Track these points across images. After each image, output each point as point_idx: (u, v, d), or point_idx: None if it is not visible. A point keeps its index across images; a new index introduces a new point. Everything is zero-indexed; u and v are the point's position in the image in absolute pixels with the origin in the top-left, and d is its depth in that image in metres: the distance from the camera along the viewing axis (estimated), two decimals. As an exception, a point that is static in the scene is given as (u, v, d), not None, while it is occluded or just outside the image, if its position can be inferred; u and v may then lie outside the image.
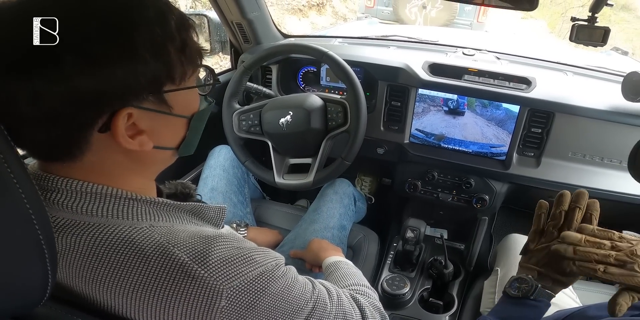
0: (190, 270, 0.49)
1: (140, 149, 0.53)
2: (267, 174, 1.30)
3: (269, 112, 1.24)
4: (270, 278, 0.54)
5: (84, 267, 0.51)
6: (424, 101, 1.36)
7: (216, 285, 0.50)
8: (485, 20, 6.26)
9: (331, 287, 0.69)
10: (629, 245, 0.70)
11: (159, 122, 0.54)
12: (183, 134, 0.59)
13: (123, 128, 0.49)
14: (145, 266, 0.49)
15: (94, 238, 0.51)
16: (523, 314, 0.79)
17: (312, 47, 1.24)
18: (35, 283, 0.45)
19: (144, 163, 0.57)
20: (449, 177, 1.44)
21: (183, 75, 0.54)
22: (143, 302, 0.50)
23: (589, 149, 1.27)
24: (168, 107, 0.54)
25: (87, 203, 0.52)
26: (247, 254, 0.53)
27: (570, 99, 1.23)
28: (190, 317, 0.50)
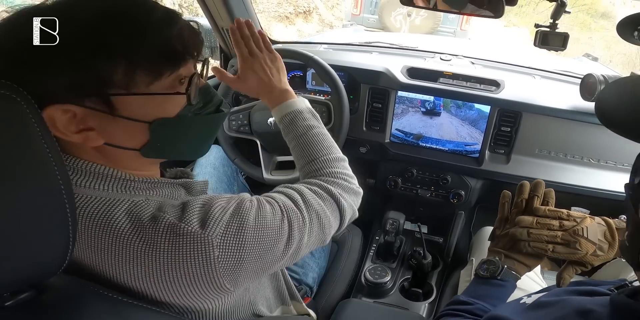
0: (178, 229, 0.55)
1: (85, 143, 0.56)
2: (256, 171, 1.39)
3: (257, 112, 1.33)
4: (241, 214, 0.59)
5: (89, 237, 0.56)
6: (403, 103, 1.45)
7: (204, 236, 0.55)
8: (469, 28, 6.45)
9: (291, 192, 0.71)
10: (573, 224, 0.81)
11: (108, 122, 0.56)
12: (144, 137, 0.60)
13: (60, 121, 0.53)
14: (143, 232, 0.55)
15: (96, 209, 0.56)
16: (491, 292, 0.87)
17: (300, 52, 1.32)
18: (57, 251, 0.49)
19: (114, 157, 0.60)
20: (427, 174, 1.53)
21: (132, 82, 0.54)
22: (147, 267, 0.55)
23: (553, 146, 1.37)
24: (113, 109, 0.55)
25: (90, 180, 0.58)
26: (214, 204, 0.59)
27: (536, 99, 1.34)
28: (193, 274, 0.56)
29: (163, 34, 0.55)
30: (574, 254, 0.80)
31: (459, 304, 0.87)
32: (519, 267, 0.88)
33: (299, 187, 0.73)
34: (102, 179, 0.59)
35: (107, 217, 0.56)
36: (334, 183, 0.78)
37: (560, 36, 1.21)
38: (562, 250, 0.81)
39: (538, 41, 1.24)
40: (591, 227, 0.80)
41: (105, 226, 0.55)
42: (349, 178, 0.82)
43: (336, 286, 1.31)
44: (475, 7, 1.17)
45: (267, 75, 0.90)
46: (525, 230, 0.84)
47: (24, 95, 0.45)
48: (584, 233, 0.79)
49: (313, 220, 0.69)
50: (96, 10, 0.53)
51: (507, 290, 0.88)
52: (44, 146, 0.46)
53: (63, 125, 0.54)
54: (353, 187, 0.81)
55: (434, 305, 1.37)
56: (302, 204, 0.69)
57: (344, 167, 0.84)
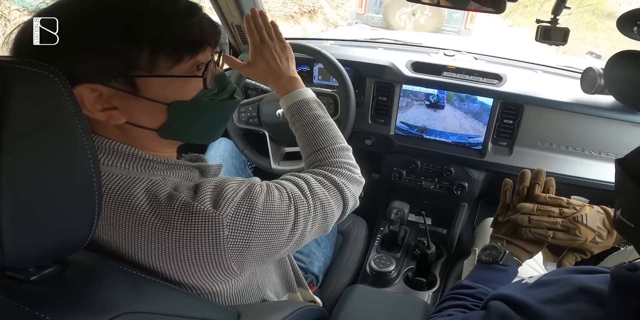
0: (191, 207, 0.58)
1: (108, 121, 0.60)
2: (264, 161, 1.42)
3: (267, 104, 1.37)
4: (251, 197, 0.62)
5: (109, 214, 0.58)
6: (407, 96, 1.49)
7: (214, 216, 0.58)
8: (473, 27, 6.44)
9: (298, 180, 0.73)
10: (573, 211, 0.84)
11: (131, 102, 0.60)
12: (163, 118, 0.64)
13: (89, 100, 0.58)
14: (159, 210, 0.58)
15: (117, 186, 0.59)
16: (493, 277, 0.89)
17: (308, 46, 1.36)
18: (82, 225, 0.51)
19: (134, 137, 0.64)
20: (431, 166, 1.56)
21: (155, 65, 0.59)
22: (161, 244, 0.58)
23: (555, 138, 1.40)
24: (136, 90, 0.59)
25: (113, 158, 0.62)
26: (226, 185, 0.62)
27: (537, 92, 1.37)
28: (203, 253, 0.59)
29: (185, 23, 0.60)
30: (573, 240, 0.82)
31: (462, 288, 0.89)
32: (521, 253, 0.90)
33: (306, 176, 0.75)
34: (124, 157, 0.62)
35: (126, 195, 0.59)
36: (339, 173, 0.81)
37: (561, 31, 1.24)
38: (562, 237, 0.83)
39: (539, 36, 1.27)
40: (590, 214, 0.82)
41: (124, 203, 0.58)
42: (353, 168, 0.85)
43: (341, 275, 1.34)
44: (478, 3, 1.20)
45: (277, 62, 0.94)
46: (527, 216, 0.87)
47: (59, 75, 0.48)
48: (584, 220, 0.81)
49: (317, 209, 0.71)
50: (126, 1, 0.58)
51: (509, 275, 0.90)
52: (76, 122, 0.49)
53: (90, 103, 0.58)
54: (356, 177, 0.83)
55: (437, 294, 1.40)
56: (308, 192, 0.71)
57: (348, 156, 0.87)
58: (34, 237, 0.47)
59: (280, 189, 0.68)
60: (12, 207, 0.44)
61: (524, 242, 0.90)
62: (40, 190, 0.46)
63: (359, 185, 0.84)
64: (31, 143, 0.45)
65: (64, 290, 0.51)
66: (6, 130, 0.43)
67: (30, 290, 0.49)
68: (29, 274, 0.50)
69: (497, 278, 0.89)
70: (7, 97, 0.43)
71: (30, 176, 0.45)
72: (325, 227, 0.75)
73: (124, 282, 0.56)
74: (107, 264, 0.56)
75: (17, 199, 0.44)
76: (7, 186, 0.43)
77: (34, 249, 0.48)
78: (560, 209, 0.85)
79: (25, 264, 0.50)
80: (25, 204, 0.45)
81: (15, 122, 0.43)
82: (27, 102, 0.45)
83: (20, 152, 0.44)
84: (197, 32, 0.61)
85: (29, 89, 0.45)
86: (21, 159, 0.44)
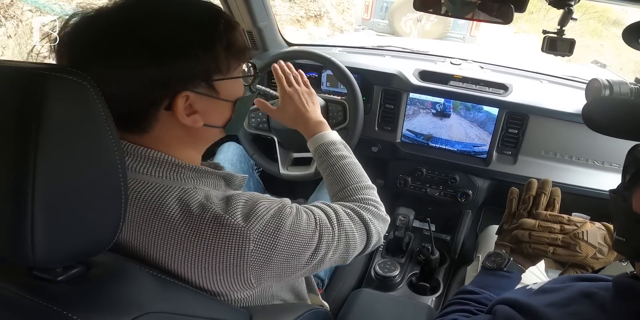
0: (223, 220, 0.61)
1: (193, 126, 0.65)
2: (273, 166, 1.45)
3: (276, 110, 1.39)
4: (281, 217, 0.65)
5: (141, 220, 0.61)
6: (414, 104, 1.51)
7: (244, 230, 0.61)
8: (478, 34, 6.47)
9: (328, 209, 0.76)
10: (574, 228, 0.85)
11: (209, 104, 0.66)
12: (229, 115, 0.71)
13: (182, 107, 0.63)
14: (190, 219, 0.61)
15: (150, 194, 0.62)
16: (497, 283, 0.91)
17: (317, 53, 1.39)
18: (108, 226, 0.53)
19: (197, 138, 0.70)
20: (436, 173, 1.59)
21: (229, 68, 0.66)
22: (188, 252, 0.60)
23: (559, 148, 1.42)
24: (216, 93, 0.66)
25: (147, 166, 0.64)
26: (258, 202, 0.65)
27: (543, 102, 1.40)
28: (227, 263, 0.61)
29: (240, 32, 0.67)
30: (574, 256, 0.84)
31: (466, 293, 0.91)
32: (525, 261, 0.92)
33: (335, 206, 0.78)
34: (157, 164, 0.65)
35: (159, 203, 0.61)
36: (365, 208, 0.83)
37: (567, 42, 1.26)
38: (562, 253, 0.84)
39: (545, 47, 1.29)
40: (591, 231, 0.84)
41: (157, 211, 0.61)
42: (379, 205, 0.87)
43: (347, 279, 1.37)
44: (485, 13, 1.22)
45: (305, 106, 1.02)
46: (527, 232, 0.88)
47: (92, 83, 0.50)
48: (584, 236, 0.83)
49: (341, 238, 0.73)
50: (200, 13, 0.64)
51: (512, 282, 0.91)
52: (106, 127, 0.51)
53: (180, 110, 0.63)
54: (382, 214, 0.86)
55: (440, 299, 1.42)
56: (335, 221, 0.74)
57: (374, 194, 0.90)
58: (64, 238, 0.49)
59: (309, 214, 0.71)
60: (45, 208, 0.46)
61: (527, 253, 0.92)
62: (71, 193, 0.48)
63: (385, 223, 0.87)
64: (65, 147, 0.47)
65: (90, 290, 0.53)
66: (42, 134, 0.45)
67: (58, 290, 0.51)
68: (56, 274, 0.51)
69: (501, 284, 0.91)
70: (44, 102, 0.45)
71: (62, 179, 0.47)
72: (345, 257, 0.76)
73: (145, 282, 0.57)
74: (129, 265, 0.58)
75: (50, 200, 0.46)
76: (41, 188, 0.45)
77: (63, 250, 0.49)
78: (562, 225, 0.86)
79: (54, 264, 0.51)
80: (57, 205, 0.47)
81: (51, 126, 0.45)
82: (62, 107, 0.47)
83: (54, 156, 0.46)
84: (245, 39, 0.67)
85: (64, 95, 0.47)
86: (55, 162, 0.46)
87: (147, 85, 0.59)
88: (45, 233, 0.46)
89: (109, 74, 0.58)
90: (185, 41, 0.60)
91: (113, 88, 0.57)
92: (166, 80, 0.60)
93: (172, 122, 0.65)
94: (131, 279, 0.57)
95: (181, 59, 0.60)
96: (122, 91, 0.59)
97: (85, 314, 0.48)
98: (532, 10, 8.69)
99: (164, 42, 0.59)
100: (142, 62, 0.58)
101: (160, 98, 0.62)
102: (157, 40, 0.59)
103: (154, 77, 0.59)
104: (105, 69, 0.58)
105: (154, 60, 0.59)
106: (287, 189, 2.05)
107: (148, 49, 0.58)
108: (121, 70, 0.58)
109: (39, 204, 0.45)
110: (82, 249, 0.52)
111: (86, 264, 0.55)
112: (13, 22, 3.26)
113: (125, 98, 0.60)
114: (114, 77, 0.58)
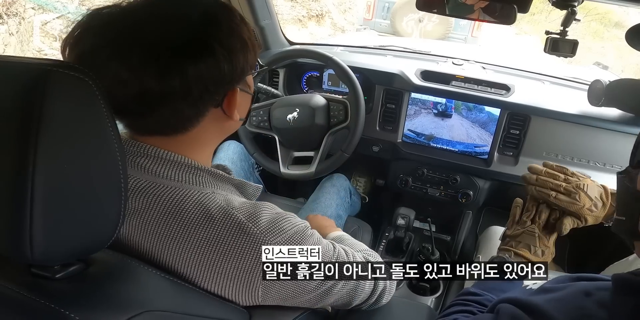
0: (246, 228, 0.60)
1: (236, 120, 0.68)
2: (274, 165, 1.45)
3: (278, 109, 1.39)
4: (303, 236, 0.65)
5: (159, 224, 0.61)
6: (415, 104, 1.51)
7: (265, 240, 0.61)
8: (479, 34, 6.45)
9: (347, 249, 0.76)
10: (577, 180, 0.90)
11: (242, 98, 0.69)
12: (248, 107, 0.74)
13: (235, 102, 0.65)
14: (211, 224, 0.60)
15: (170, 198, 0.61)
16: (499, 286, 0.91)
17: (319, 52, 1.39)
18: (108, 224, 0.52)
19: (225, 134, 0.72)
20: (437, 174, 1.58)
21: (253, 66, 0.68)
22: (204, 256, 0.60)
23: (560, 149, 1.42)
24: (248, 87, 0.70)
25: (167, 169, 0.64)
26: (285, 217, 0.65)
27: (544, 104, 1.39)
28: (241, 269, 0.61)
29: None
30: (572, 204, 0.88)
31: (468, 295, 0.91)
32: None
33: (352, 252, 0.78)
34: (177, 167, 0.64)
35: (179, 207, 0.61)
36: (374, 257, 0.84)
37: (569, 43, 1.25)
38: (563, 199, 0.89)
39: (548, 48, 1.28)
40: (591, 185, 0.89)
41: (177, 214, 0.61)
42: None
43: (346, 279, 1.36)
44: (488, 13, 1.22)
45: None
46: (535, 175, 0.93)
47: (94, 79, 0.49)
48: (585, 188, 0.88)
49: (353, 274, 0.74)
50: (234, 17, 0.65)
51: (514, 285, 0.92)
52: (108, 124, 0.50)
53: (234, 105, 0.66)
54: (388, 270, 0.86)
55: (440, 299, 1.42)
56: (352, 258, 0.73)
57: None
58: (63, 235, 0.48)
59: (329, 242, 0.71)
60: (44, 206, 0.45)
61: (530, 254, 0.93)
62: (71, 190, 0.48)
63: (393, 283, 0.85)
64: (65, 143, 0.47)
65: (88, 288, 0.52)
66: (43, 130, 0.44)
67: (56, 288, 0.51)
68: (54, 271, 0.51)
69: (503, 287, 0.91)
70: (46, 97, 0.45)
71: (62, 176, 0.47)
72: (352, 296, 0.74)
73: (145, 281, 0.57)
74: (129, 263, 0.58)
75: (49, 198, 0.46)
76: (40, 185, 0.44)
77: (62, 247, 0.49)
78: (566, 176, 0.92)
79: (52, 261, 0.51)
80: (56, 203, 0.46)
81: (52, 123, 0.45)
82: (63, 103, 0.46)
83: (54, 152, 0.45)
84: None
85: (66, 91, 0.47)
86: (55, 159, 0.46)
87: (217, 81, 0.61)
88: (44, 231, 0.46)
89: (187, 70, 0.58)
90: (246, 37, 0.64)
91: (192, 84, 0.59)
92: (231, 76, 0.62)
93: (215, 118, 0.66)
94: (131, 277, 0.56)
95: (242, 53, 0.63)
96: (196, 87, 0.60)
97: (83, 311, 0.48)
98: (534, 12, 8.69)
99: (227, 38, 0.61)
100: (217, 57, 0.60)
101: (220, 94, 0.64)
102: (221, 36, 0.61)
103: (224, 72, 0.61)
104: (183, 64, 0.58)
105: (224, 55, 0.60)
106: (288, 188, 2.06)
107: (219, 44, 0.60)
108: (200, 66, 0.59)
109: (38, 201, 0.45)
110: (80, 246, 0.51)
111: (85, 262, 0.55)
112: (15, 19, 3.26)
113: (192, 100, 0.61)
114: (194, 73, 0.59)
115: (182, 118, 0.63)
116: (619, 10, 9.28)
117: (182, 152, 0.66)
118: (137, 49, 0.57)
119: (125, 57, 0.56)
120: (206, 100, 0.63)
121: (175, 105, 0.60)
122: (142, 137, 0.65)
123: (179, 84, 0.58)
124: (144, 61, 0.56)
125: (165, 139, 0.65)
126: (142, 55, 0.56)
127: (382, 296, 0.82)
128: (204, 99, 0.62)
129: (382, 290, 0.81)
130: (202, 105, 0.63)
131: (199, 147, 0.68)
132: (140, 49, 0.57)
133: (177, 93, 0.58)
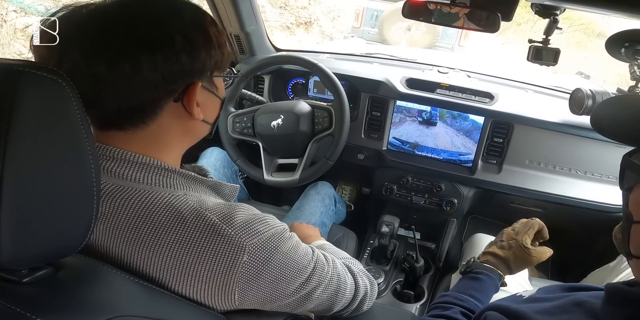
0: (219, 229, 0.59)
1: (197, 118, 0.66)
2: (257, 172, 1.43)
3: (262, 115, 1.38)
4: (281, 238, 0.63)
5: (128, 228, 0.59)
6: (401, 112, 1.51)
7: (240, 242, 0.59)
8: (467, 43, 6.52)
9: (327, 254, 0.75)
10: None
11: (207, 99, 0.68)
12: (217, 113, 0.73)
13: (195, 97, 0.64)
14: (183, 226, 0.59)
15: (139, 202, 0.60)
16: (468, 285, 0.97)
17: (304, 59, 1.39)
18: (79, 228, 0.51)
19: (190, 134, 0.70)
20: (421, 182, 1.58)
21: (222, 66, 0.68)
22: (177, 259, 0.58)
23: (543, 157, 1.43)
24: (215, 88, 0.69)
25: (135, 171, 0.62)
26: (262, 218, 0.63)
27: (527, 112, 1.40)
28: (216, 272, 0.59)
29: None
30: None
31: (441, 297, 0.95)
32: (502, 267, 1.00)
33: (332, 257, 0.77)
34: (146, 169, 0.63)
35: (148, 210, 0.59)
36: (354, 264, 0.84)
37: (552, 51, 1.27)
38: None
39: (531, 56, 1.30)
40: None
41: (146, 218, 0.59)
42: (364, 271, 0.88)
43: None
44: (473, 22, 1.23)
45: None
46: None
47: (67, 80, 0.48)
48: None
49: (333, 279, 0.72)
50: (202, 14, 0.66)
51: (483, 283, 0.96)
52: (80, 127, 0.49)
53: (193, 99, 0.65)
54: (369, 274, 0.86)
55: (424, 307, 1.41)
56: (332, 263, 0.73)
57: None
58: (31, 239, 0.47)
59: (308, 246, 0.70)
60: (13, 208, 0.44)
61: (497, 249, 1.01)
62: (41, 192, 0.47)
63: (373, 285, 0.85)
64: (36, 145, 0.46)
65: (57, 292, 0.51)
66: (13, 131, 0.43)
67: (23, 292, 0.49)
68: (22, 275, 0.49)
69: (472, 285, 0.96)
70: (17, 99, 0.44)
71: (32, 178, 0.45)
72: (333, 301, 0.74)
73: (117, 285, 0.56)
74: (99, 267, 0.56)
75: (17, 200, 0.44)
76: (8, 187, 0.43)
77: (30, 251, 0.48)
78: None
79: (19, 265, 0.49)
80: (24, 205, 0.45)
81: (22, 124, 0.44)
82: (35, 104, 0.45)
83: (24, 154, 0.44)
84: None
85: (38, 93, 0.46)
86: (25, 161, 0.44)
87: (175, 73, 0.60)
88: (11, 234, 0.45)
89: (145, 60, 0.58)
90: (212, 33, 0.64)
91: (146, 73, 0.58)
92: (189, 69, 0.62)
93: (175, 114, 0.65)
94: (101, 282, 0.55)
95: (205, 48, 0.63)
96: (153, 76, 0.59)
97: (51, 316, 0.47)
98: (520, 22, 8.82)
99: (190, 31, 0.61)
100: (176, 49, 0.59)
101: (178, 87, 0.63)
102: (183, 28, 0.61)
103: (183, 65, 0.60)
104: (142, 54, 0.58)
105: (184, 47, 0.60)
106: (272, 195, 2.04)
107: (180, 35, 0.60)
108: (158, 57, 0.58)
109: (6, 204, 0.43)
110: (49, 250, 0.50)
111: (55, 266, 0.53)
112: (-2, 22, 3.21)
113: (144, 87, 0.60)
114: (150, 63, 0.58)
115: (137, 107, 0.61)
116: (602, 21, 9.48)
117: (147, 153, 0.64)
118: (92, 34, 0.58)
119: (81, 43, 0.58)
120: (162, 90, 0.61)
121: (127, 91, 0.59)
122: (103, 133, 0.63)
123: (129, 70, 0.57)
124: (97, 46, 0.57)
125: (125, 135, 0.63)
126: (96, 40, 0.58)
127: (363, 302, 0.81)
128: (159, 87, 0.60)
129: (364, 296, 0.80)
130: (158, 94, 0.61)
131: (163, 146, 0.66)
132: (95, 35, 0.58)
133: (128, 78, 0.57)
